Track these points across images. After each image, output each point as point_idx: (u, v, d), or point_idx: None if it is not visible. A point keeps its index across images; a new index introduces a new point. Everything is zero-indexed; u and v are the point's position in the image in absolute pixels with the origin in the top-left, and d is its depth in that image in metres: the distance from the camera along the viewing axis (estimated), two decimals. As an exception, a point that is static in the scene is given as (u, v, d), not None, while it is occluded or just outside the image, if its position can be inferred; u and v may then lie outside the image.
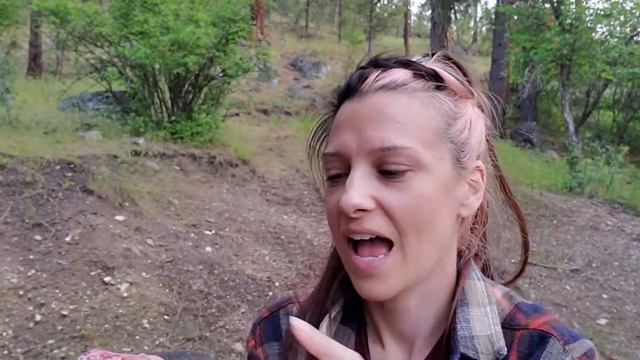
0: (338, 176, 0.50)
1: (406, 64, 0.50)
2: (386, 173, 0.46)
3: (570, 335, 0.48)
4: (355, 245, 0.48)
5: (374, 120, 0.47)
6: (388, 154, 0.46)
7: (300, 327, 0.39)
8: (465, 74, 0.54)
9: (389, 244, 0.47)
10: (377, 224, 0.46)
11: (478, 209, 0.55)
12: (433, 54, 0.53)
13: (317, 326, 0.54)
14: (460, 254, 0.55)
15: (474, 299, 0.51)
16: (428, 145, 0.47)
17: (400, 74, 0.49)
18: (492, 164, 0.56)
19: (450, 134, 0.49)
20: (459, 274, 0.54)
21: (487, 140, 0.55)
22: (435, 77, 0.50)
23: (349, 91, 0.51)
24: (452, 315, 0.50)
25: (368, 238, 0.47)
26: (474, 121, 0.52)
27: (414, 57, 0.52)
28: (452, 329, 0.49)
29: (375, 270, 0.47)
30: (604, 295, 3.84)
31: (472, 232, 0.57)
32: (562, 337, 0.47)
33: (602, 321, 3.47)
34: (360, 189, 0.46)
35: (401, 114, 0.47)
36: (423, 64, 0.51)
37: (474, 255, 0.56)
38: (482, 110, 0.54)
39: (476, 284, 0.53)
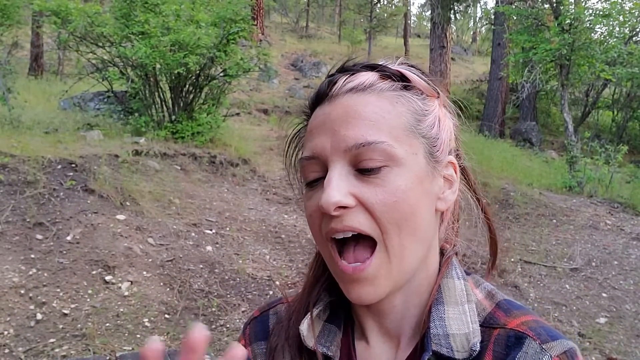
0: (316, 180, 0.50)
1: (372, 67, 0.52)
2: (363, 171, 0.47)
3: (548, 335, 0.47)
4: (340, 249, 0.49)
5: (346, 120, 0.48)
6: (363, 150, 0.47)
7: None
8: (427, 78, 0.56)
9: (372, 245, 0.48)
10: (358, 221, 0.47)
11: (453, 204, 0.56)
12: (397, 59, 0.55)
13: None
14: (442, 252, 0.56)
15: (451, 298, 0.51)
16: (400, 141, 0.48)
17: (367, 76, 0.51)
18: (459, 162, 0.56)
19: (421, 129, 0.50)
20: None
21: (457, 138, 0.57)
22: (401, 77, 0.52)
23: (319, 98, 0.52)
24: (427, 314, 0.51)
25: (350, 235, 0.47)
26: (442, 118, 0.53)
27: (378, 61, 0.54)
28: (427, 328, 0.50)
29: (362, 274, 0.47)
30: (604, 294, 3.85)
31: (452, 230, 0.58)
32: (538, 337, 0.47)
33: (602, 320, 3.48)
34: (339, 187, 0.46)
35: (371, 112, 0.48)
36: (389, 66, 0.52)
37: (455, 253, 0.56)
38: (447, 110, 0.56)
39: (454, 282, 0.53)
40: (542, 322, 0.49)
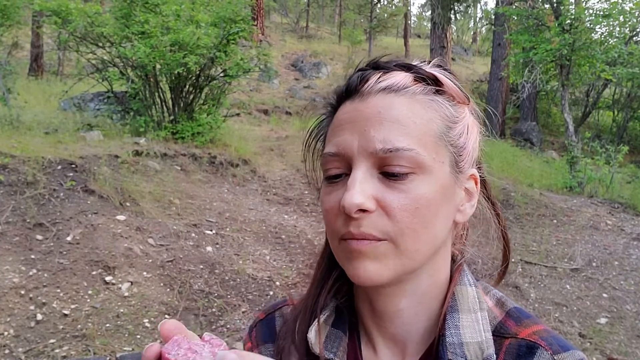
0: (337, 176, 0.49)
1: (407, 67, 0.51)
2: (388, 175, 0.46)
3: (559, 345, 0.47)
4: None
5: (376, 121, 0.47)
6: (390, 155, 0.46)
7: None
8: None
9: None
10: (374, 227, 0.46)
11: None
12: (429, 62, 0.54)
13: (307, 331, 0.54)
14: (453, 259, 0.56)
15: (464, 305, 0.51)
16: (429, 148, 0.47)
17: (401, 77, 0.49)
18: (480, 174, 0.56)
19: (450, 137, 0.49)
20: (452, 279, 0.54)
21: (481, 149, 0.56)
22: (434, 81, 0.50)
23: (349, 92, 0.51)
24: (442, 321, 0.50)
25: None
26: (470, 127, 0.53)
27: (412, 61, 0.53)
28: (442, 335, 0.49)
29: (369, 247, 0.46)
30: (604, 295, 3.85)
31: (463, 237, 0.58)
32: (550, 347, 0.47)
33: (602, 320, 3.48)
34: (362, 189, 0.45)
35: (403, 116, 0.47)
36: (423, 68, 0.51)
37: (465, 260, 0.56)
38: (475, 118, 0.55)
39: (467, 289, 0.52)
40: (553, 332, 0.49)
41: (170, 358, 0.39)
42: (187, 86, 6.08)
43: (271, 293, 3.46)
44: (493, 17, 12.38)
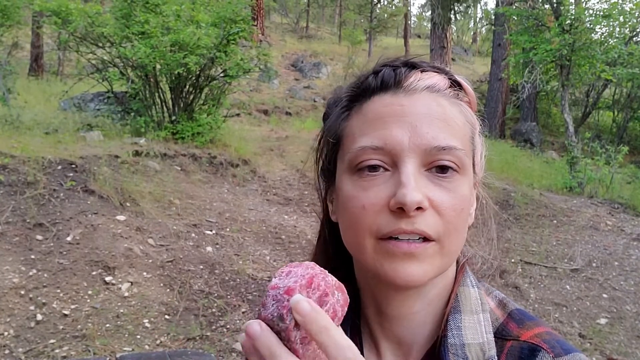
0: (374, 169, 0.47)
1: (441, 70, 0.52)
2: (437, 172, 0.47)
3: (561, 348, 0.47)
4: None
5: (427, 118, 0.47)
6: (443, 153, 0.46)
7: (303, 308, 0.34)
8: None
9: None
10: (426, 224, 0.45)
11: None
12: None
13: None
14: (457, 260, 0.56)
15: (467, 307, 0.51)
16: (467, 150, 0.49)
17: (439, 79, 0.51)
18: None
19: (474, 142, 0.52)
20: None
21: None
22: (459, 86, 0.52)
23: (385, 86, 0.50)
24: (445, 322, 0.50)
25: (417, 238, 0.45)
26: (480, 133, 0.54)
27: (437, 64, 0.54)
28: (444, 336, 0.49)
29: (417, 250, 0.45)
30: (604, 295, 3.84)
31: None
32: (552, 349, 0.47)
33: (602, 321, 3.48)
34: (418, 186, 0.45)
35: (449, 116, 0.48)
36: (453, 74, 0.53)
37: (466, 260, 0.57)
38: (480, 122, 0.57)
39: (470, 290, 0.52)
40: (555, 335, 0.49)
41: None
42: (187, 86, 6.08)
43: (271, 293, 3.46)
44: (493, 17, 12.39)
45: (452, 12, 12.65)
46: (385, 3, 23.99)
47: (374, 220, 0.46)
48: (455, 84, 0.52)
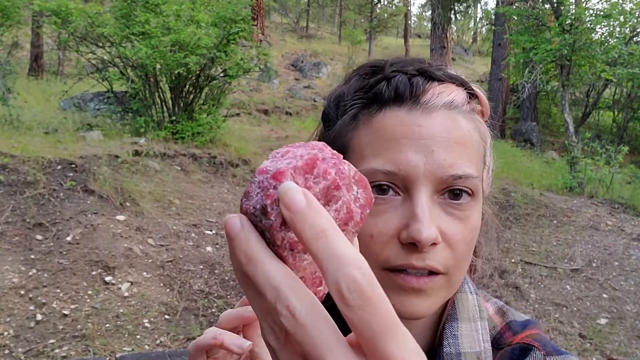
0: (383, 191, 0.44)
1: (458, 80, 0.48)
2: (450, 197, 0.44)
3: (553, 348, 0.47)
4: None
5: (444, 142, 0.43)
6: (458, 181, 0.43)
7: (293, 200, 0.24)
8: None
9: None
10: (437, 260, 0.43)
11: None
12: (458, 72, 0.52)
13: None
14: None
15: (464, 314, 0.50)
16: (480, 172, 0.46)
17: (457, 92, 0.47)
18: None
19: (485, 158, 0.49)
20: None
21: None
22: (475, 97, 0.49)
23: (399, 98, 0.45)
24: (441, 331, 0.49)
25: (426, 272, 0.44)
26: (491, 147, 0.51)
27: (455, 71, 0.51)
28: (439, 345, 0.48)
29: (426, 285, 0.43)
30: (604, 295, 3.84)
31: None
32: (543, 348, 0.46)
33: (603, 321, 3.48)
34: (432, 220, 0.42)
35: (466, 138, 0.45)
36: (472, 86, 0.49)
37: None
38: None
39: (468, 297, 0.51)
40: (547, 338, 0.49)
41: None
42: (187, 86, 6.07)
43: (271, 293, 3.45)
44: (493, 17, 12.38)
45: (453, 11, 12.64)
46: (386, 3, 24.00)
47: (382, 250, 0.44)
48: (473, 97, 0.49)
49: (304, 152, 0.26)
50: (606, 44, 7.50)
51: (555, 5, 7.47)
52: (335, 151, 0.27)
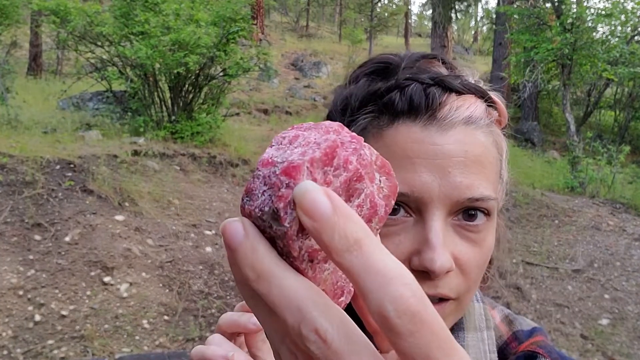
0: (393, 211, 0.41)
1: (478, 91, 0.45)
2: (465, 219, 0.42)
3: (559, 355, 0.46)
4: None
5: (461, 162, 0.41)
6: (475, 204, 0.41)
7: (318, 206, 0.21)
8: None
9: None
10: (450, 288, 0.41)
11: None
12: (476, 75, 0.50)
13: None
14: None
15: (470, 323, 0.48)
16: (496, 191, 0.44)
17: (477, 106, 0.44)
18: None
19: (502, 172, 0.46)
20: None
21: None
22: (493, 106, 0.46)
23: (414, 111, 0.42)
24: None
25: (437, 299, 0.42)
26: (507, 158, 0.49)
27: (474, 78, 0.48)
28: None
29: (439, 312, 0.42)
30: (606, 296, 3.83)
31: None
32: (549, 354, 0.45)
33: (604, 321, 3.46)
34: (446, 247, 0.40)
35: (483, 156, 0.42)
36: (493, 97, 0.46)
37: None
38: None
39: (474, 305, 0.50)
40: (552, 345, 0.48)
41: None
42: (187, 85, 6.06)
43: (271, 294, 3.44)
44: (494, 16, 12.36)
45: (453, 11, 12.63)
46: (386, 2, 24.00)
47: None
48: (493, 108, 0.46)
49: (319, 138, 0.21)
50: (607, 43, 7.47)
51: (556, 4, 7.45)
52: (353, 133, 0.22)
